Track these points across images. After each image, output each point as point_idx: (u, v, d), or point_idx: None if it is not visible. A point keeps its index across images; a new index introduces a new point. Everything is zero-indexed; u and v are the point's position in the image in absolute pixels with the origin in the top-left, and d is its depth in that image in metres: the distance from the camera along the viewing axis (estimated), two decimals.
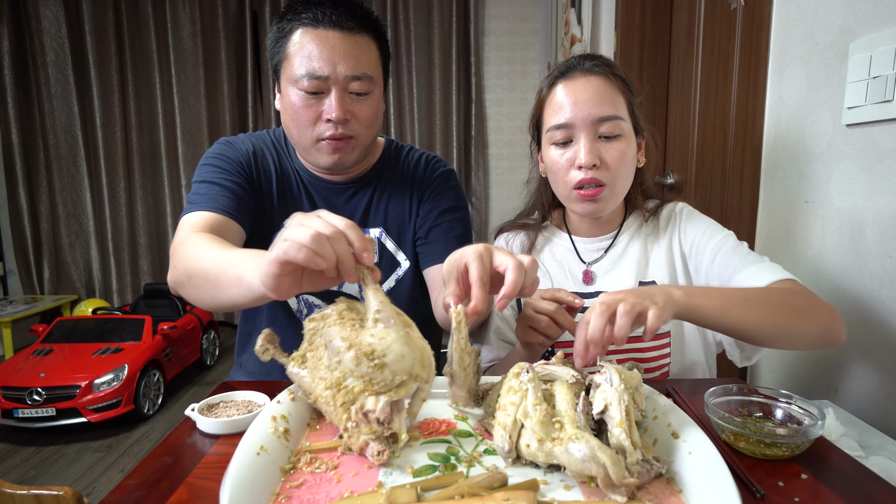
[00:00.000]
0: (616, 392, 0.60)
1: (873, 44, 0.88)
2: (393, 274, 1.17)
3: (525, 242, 1.09)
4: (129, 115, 4.09)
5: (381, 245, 1.15)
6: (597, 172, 0.93)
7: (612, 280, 1.02)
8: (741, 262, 0.91)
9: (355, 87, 0.99)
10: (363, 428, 0.61)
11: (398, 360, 0.60)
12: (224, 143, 1.13)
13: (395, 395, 0.61)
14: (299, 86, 0.97)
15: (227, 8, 3.97)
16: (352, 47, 0.97)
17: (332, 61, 0.96)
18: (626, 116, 0.95)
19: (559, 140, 0.95)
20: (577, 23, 2.68)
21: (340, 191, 1.14)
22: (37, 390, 2.58)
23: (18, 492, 0.74)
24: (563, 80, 0.96)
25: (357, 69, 0.97)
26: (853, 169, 0.95)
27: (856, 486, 0.58)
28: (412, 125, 4.06)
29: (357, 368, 0.61)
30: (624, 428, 0.57)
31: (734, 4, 1.39)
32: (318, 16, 0.96)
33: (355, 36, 0.98)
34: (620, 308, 0.67)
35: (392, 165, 1.18)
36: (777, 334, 0.78)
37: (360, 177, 1.15)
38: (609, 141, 0.93)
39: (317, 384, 0.66)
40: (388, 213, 1.16)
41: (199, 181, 1.06)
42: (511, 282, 0.66)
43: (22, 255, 4.17)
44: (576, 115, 0.92)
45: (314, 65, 0.95)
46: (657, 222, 1.05)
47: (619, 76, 0.96)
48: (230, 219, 1.00)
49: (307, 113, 0.99)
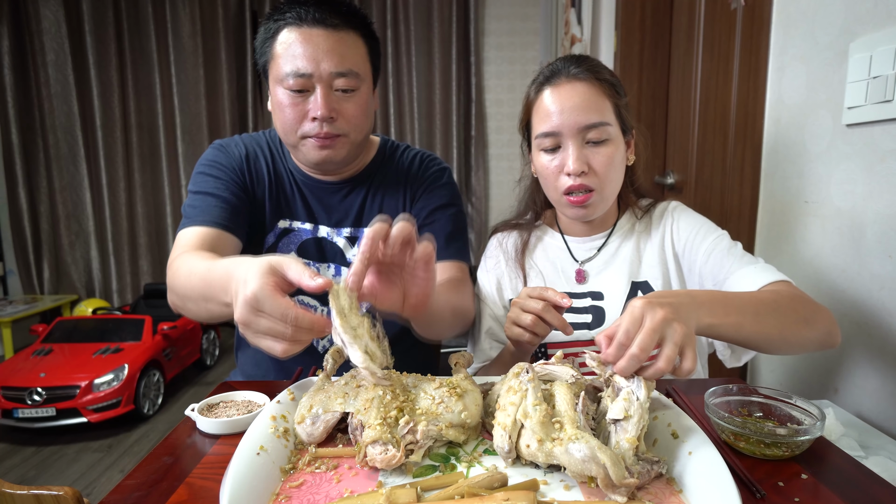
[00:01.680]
0: (640, 409, 0.59)
1: (873, 44, 0.88)
2: None
3: (518, 242, 1.09)
4: (129, 115, 4.09)
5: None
6: (585, 178, 0.93)
7: (605, 279, 1.02)
8: (736, 263, 0.91)
9: (340, 83, 0.98)
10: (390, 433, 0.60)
11: (472, 405, 0.66)
12: (218, 147, 1.13)
13: (444, 432, 0.62)
14: (285, 84, 0.97)
15: (227, 8, 3.97)
16: (336, 44, 0.97)
17: (315, 59, 0.95)
18: (612, 120, 0.95)
19: (548, 147, 0.95)
20: (577, 23, 2.68)
21: (334, 190, 1.14)
22: (37, 390, 2.58)
23: (18, 492, 0.74)
24: (549, 86, 0.95)
25: (342, 65, 0.97)
26: (853, 169, 0.95)
27: (856, 486, 0.58)
28: (412, 125, 4.06)
29: (436, 391, 0.65)
30: (633, 446, 0.57)
31: (734, 4, 1.39)
32: (301, 14, 0.96)
33: (340, 32, 0.97)
34: (668, 345, 0.62)
35: (387, 164, 1.18)
36: (786, 342, 0.79)
37: (354, 176, 1.15)
38: (597, 146, 0.93)
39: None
40: (381, 213, 1.14)
41: (193, 191, 1.07)
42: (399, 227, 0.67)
43: (22, 255, 4.17)
44: (562, 124, 0.92)
45: (298, 63, 0.95)
46: (650, 221, 1.05)
47: (605, 79, 0.95)
48: (224, 231, 1.01)
49: (293, 111, 0.99)
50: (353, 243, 1.15)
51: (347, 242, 1.14)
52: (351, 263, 1.10)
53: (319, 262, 1.15)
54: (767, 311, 0.77)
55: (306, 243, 1.14)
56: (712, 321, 0.71)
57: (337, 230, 1.14)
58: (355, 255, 0.69)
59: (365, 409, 0.63)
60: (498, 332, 1.06)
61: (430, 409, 0.63)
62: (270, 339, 0.62)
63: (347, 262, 1.14)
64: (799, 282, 1.09)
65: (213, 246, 0.97)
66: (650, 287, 1.00)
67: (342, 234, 1.14)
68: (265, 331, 0.62)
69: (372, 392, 0.64)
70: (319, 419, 0.65)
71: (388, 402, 0.63)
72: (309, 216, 1.14)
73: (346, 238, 1.14)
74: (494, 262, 1.10)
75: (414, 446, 0.61)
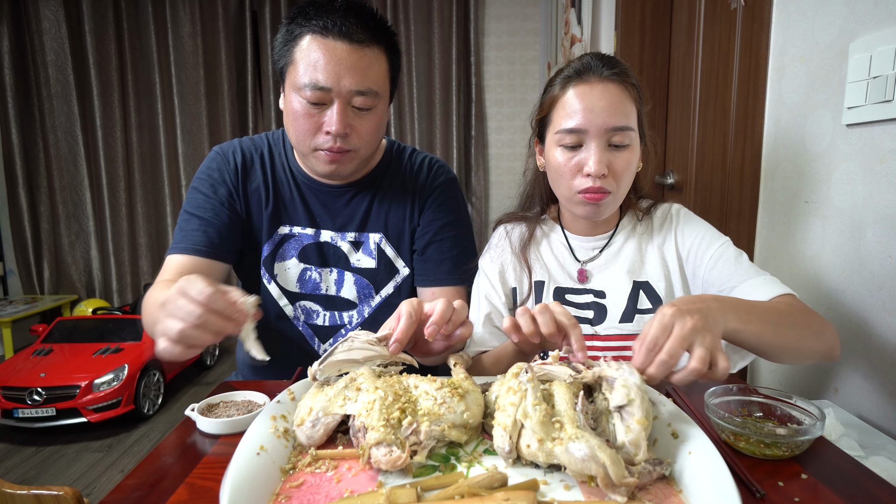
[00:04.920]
0: (639, 391, 0.60)
1: (873, 44, 0.88)
2: (391, 280, 1.16)
3: (524, 234, 1.08)
4: (129, 115, 4.08)
5: (380, 251, 1.14)
6: (603, 181, 0.92)
7: (607, 278, 1.02)
8: (744, 274, 0.92)
9: (358, 102, 0.96)
10: (394, 434, 0.60)
11: (473, 405, 0.66)
12: (214, 156, 1.12)
13: (446, 432, 0.63)
14: (302, 94, 0.95)
15: (227, 8, 3.97)
16: (359, 60, 0.94)
17: (336, 74, 0.93)
18: (635, 126, 0.94)
19: (568, 143, 0.94)
20: (577, 23, 2.68)
21: (339, 194, 1.13)
22: (37, 390, 2.58)
23: (18, 492, 0.74)
24: (579, 83, 0.93)
25: (362, 84, 0.95)
26: (853, 169, 0.95)
27: (856, 486, 0.58)
28: (412, 125, 4.06)
29: (437, 392, 0.65)
30: (643, 426, 0.57)
31: (734, 4, 1.39)
32: (327, 24, 0.93)
33: (364, 49, 0.95)
34: (698, 349, 0.64)
35: (394, 169, 1.16)
36: (798, 353, 0.81)
37: (360, 180, 1.13)
38: (619, 150, 0.93)
39: (381, 380, 0.67)
40: (388, 219, 1.14)
41: (185, 210, 1.08)
42: (440, 310, 0.76)
43: (22, 255, 4.17)
44: (590, 123, 0.91)
45: (318, 76, 0.93)
46: (651, 222, 1.05)
47: (634, 85, 0.95)
48: (206, 258, 1.04)
49: (307, 122, 0.97)
50: (357, 248, 1.14)
51: (352, 247, 1.14)
52: (354, 269, 1.13)
53: (321, 266, 1.14)
54: (786, 322, 0.79)
55: (307, 248, 1.13)
56: (738, 326, 0.72)
57: (341, 234, 1.13)
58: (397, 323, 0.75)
59: (367, 412, 0.63)
60: (496, 319, 1.05)
61: (433, 409, 0.63)
62: (175, 319, 0.66)
63: (351, 267, 1.14)
64: (799, 282, 1.09)
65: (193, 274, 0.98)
66: (651, 287, 1.00)
67: (346, 239, 1.13)
68: (177, 309, 0.66)
69: (373, 394, 0.64)
70: (320, 422, 0.65)
71: (390, 403, 0.63)
72: (310, 220, 1.13)
73: (351, 242, 1.14)
74: (500, 251, 1.09)
75: (417, 447, 0.61)
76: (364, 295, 1.15)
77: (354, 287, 1.14)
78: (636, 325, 0.98)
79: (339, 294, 1.14)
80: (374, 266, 1.14)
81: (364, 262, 1.14)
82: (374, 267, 1.14)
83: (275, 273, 1.13)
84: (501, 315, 1.05)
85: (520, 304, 1.05)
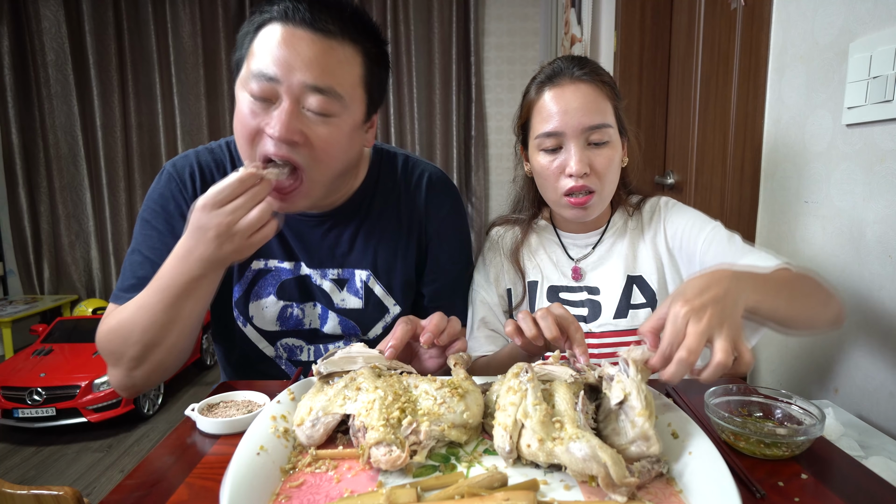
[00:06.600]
0: (634, 382, 0.61)
1: (873, 44, 0.88)
2: (381, 321, 1.03)
3: (517, 237, 1.09)
4: (129, 115, 4.08)
5: (367, 290, 0.99)
6: (587, 180, 0.94)
7: (601, 275, 1.03)
8: (739, 251, 0.92)
9: (314, 102, 0.77)
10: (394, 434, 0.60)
11: (473, 405, 0.66)
12: (168, 178, 0.95)
13: (446, 432, 0.63)
14: (247, 88, 0.78)
15: (227, 8, 3.97)
16: (322, 54, 0.77)
17: (288, 63, 0.75)
18: (613, 122, 0.96)
19: (548, 147, 0.95)
20: (577, 23, 2.68)
21: (314, 224, 0.95)
22: (37, 390, 2.58)
23: (18, 492, 0.74)
24: (552, 87, 0.95)
25: (320, 80, 0.76)
26: (853, 169, 0.95)
27: (856, 486, 0.58)
28: (412, 125, 4.06)
29: (437, 391, 0.65)
30: (646, 417, 0.58)
31: (734, 4, 1.39)
32: (289, 10, 0.77)
33: (331, 41, 0.78)
34: (719, 341, 0.59)
35: (382, 190, 0.99)
36: (809, 323, 0.79)
37: (339, 207, 0.96)
38: (598, 147, 0.94)
39: (381, 380, 0.67)
40: (377, 254, 0.99)
41: (137, 249, 0.91)
42: (435, 321, 0.77)
43: (22, 255, 4.17)
44: (566, 124, 0.93)
45: (267, 63, 0.76)
46: (641, 217, 1.06)
47: (607, 82, 0.96)
48: None
49: (250, 123, 0.78)
50: (341, 286, 0.98)
51: (335, 285, 0.98)
52: (339, 309, 1.01)
53: (303, 302, 0.99)
54: (797, 291, 0.78)
55: (286, 284, 0.97)
56: (757, 298, 0.68)
57: (321, 271, 0.98)
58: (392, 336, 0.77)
59: (367, 412, 0.63)
60: (492, 322, 1.06)
61: (433, 409, 0.63)
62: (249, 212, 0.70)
63: (335, 308, 0.99)
64: None
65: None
66: (645, 281, 1.01)
67: (328, 277, 0.98)
68: (237, 208, 0.70)
69: (373, 393, 0.64)
70: (319, 422, 0.65)
71: (390, 403, 0.63)
72: (287, 254, 0.97)
73: (333, 281, 0.98)
74: (493, 254, 1.10)
75: (417, 447, 0.61)
76: (350, 335, 1.03)
77: (339, 327, 1.01)
78: (630, 321, 0.99)
79: (322, 329, 1.02)
80: (360, 307, 1.00)
81: (350, 303, 1.00)
82: (360, 308, 1.00)
83: (250, 315, 0.98)
84: (497, 318, 1.06)
85: (515, 305, 1.06)
